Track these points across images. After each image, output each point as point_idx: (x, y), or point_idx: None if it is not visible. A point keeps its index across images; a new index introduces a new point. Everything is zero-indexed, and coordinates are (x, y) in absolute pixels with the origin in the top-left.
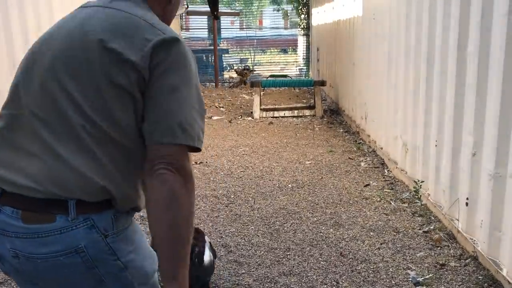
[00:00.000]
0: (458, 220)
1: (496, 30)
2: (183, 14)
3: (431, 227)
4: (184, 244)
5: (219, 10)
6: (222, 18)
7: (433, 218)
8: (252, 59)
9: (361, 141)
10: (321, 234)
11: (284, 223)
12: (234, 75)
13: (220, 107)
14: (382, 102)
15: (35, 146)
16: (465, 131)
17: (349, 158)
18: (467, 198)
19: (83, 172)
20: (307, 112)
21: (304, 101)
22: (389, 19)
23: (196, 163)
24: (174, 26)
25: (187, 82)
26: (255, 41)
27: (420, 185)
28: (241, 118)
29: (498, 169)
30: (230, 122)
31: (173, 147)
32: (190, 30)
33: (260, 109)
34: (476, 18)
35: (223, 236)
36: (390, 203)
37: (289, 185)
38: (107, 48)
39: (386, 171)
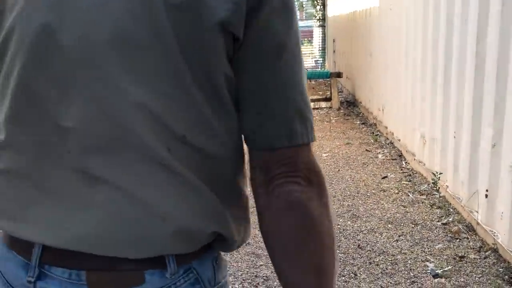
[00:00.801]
0: (477, 212)
1: None
2: None
3: (450, 219)
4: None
5: None
6: None
7: (451, 210)
8: None
9: (378, 132)
10: (339, 226)
11: None
12: None
13: None
14: (399, 94)
15: (89, 186)
16: (485, 123)
17: (366, 150)
18: (487, 190)
19: (179, 217)
20: (323, 104)
21: (320, 92)
22: (406, 9)
23: None
24: None
25: (296, 36)
26: None
27: (439, 177)
28: None
29: None
30: None
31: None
32: None
33: None
34: (496, 6)
35: None
36: (408, 195)
37: None
38: (176, 6)
39: (404, 163)
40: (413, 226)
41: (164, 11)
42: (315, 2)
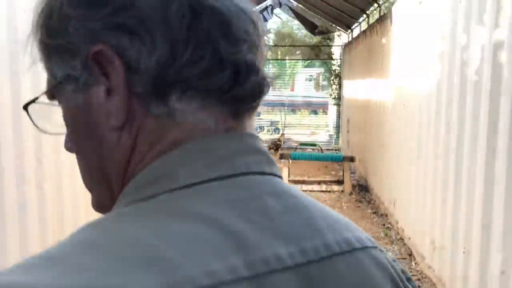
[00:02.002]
0: None
1: None
2: None
3: None
4: None
5: None
6: None
7: None
8: (283, 121)
9: (389, 225)
10: None
11: None
12: (264, 137)
13: None
14: (410, 192)
15: None
16: (493, 246)
17: None
18: None
19: None
20: (335, 187)
21: (333, 172)
22: (419, 110)
23: None
24: None
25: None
26: (285, 106)
27: None
28: None
29: None
30: None
31: None
32: None
33: (289, 180)
34: (504, 121)
35: None
36: None
37: None
38: None
39: (413, 263)
40: None
41: None
42: (331, 81)
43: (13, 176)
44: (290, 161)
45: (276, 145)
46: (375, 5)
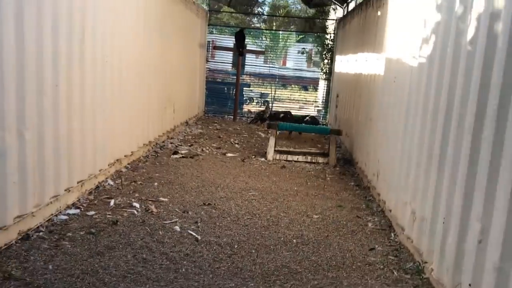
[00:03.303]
0: None
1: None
2: (210, 48)
3: None
4: None
5: (245, 48)
6: (247, 54)
7: None
8: (273, 95)
9: (371, 197)
10: None
11: (284, 283)
12: (253, 109)
13: (235, 143)
14: (395, 164)
15: None
16: (474, 216)
17: (357, 216)
18: (470, 285)
19: None
20: (320, 159)
21: (319, 145)
22: (409, 84)
23: (204, 204)
24: (200, 57)
25: None
26: (277, 78)
27: (423, 266)
28: (254, 158)
29: (504, 263)
30: (243, 161)
31: None
32: (213, 61)
33: (274, 150)
34: (495, 93)
35: None
36: (393, 272)
37: (294, 240)
38: None
39: (392, 234)
40: None
41: None
42: (323, 55)
43: None
44: (278, 132)
45: (260, 116)
46: None
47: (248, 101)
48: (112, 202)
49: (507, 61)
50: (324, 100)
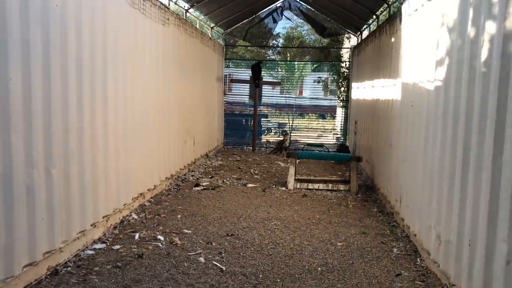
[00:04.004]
0: None
1: None
2: (227, 81)
3: None
4: None
5: (262, 80)
6: (264, 85)
7: None
8: (291, 124)
9: (394, 223)
10: None
11: None
12: (271, 139)
13: (255, 173)
14: (417, 189)
15: None
16: (499, 237)
17: (382, 242)
18: None
19: None
20: (341, 187)
21: (339, 173)
22: (426, 107)
23: (228, 235)
24: (218, 90)
25: None
26: (294, 108)
27: None
28: (275, 187)
29: None
30: (264, 191)
31: None
32: (231, 94)
33: (295, 179)
34: (511, 129)
35: None
36: None
37: (319, 268)
38: None
39: (418, 259)
40: None
41: None
42: (339, 83)
43: None
44: (297, 160)
45: (280, 146)
46: (385, 5)
47: (266, 131)
48: (137, 235)
49: None
50: (342, 128)
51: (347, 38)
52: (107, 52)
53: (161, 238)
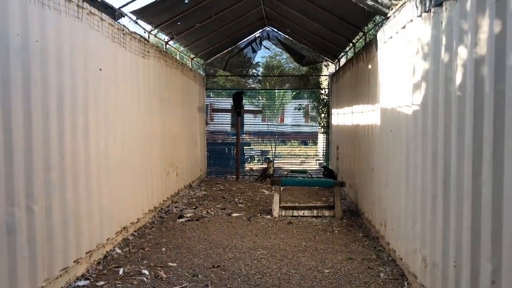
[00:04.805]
0: None
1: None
2: (208, 111)
3: None
4: None
5: (243, 108)
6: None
7: None
8: (273, 151)
9: (380, 247)
10: None
11: None
12: (255, 167)
13: (239, 202)
14: (400, 212)
15: None
16: (484, 257)
17: (368, 267)
18: None
19: None
20: (326, 213)
21: (324, 198)
22: (406, 131)
23: (214, 266)
24: (200, 120)
25: None
26: (275, 135)
27: None
28: (260, 216)
29: None
30: (249, 220)
31: None
32: (213, 123)
33: (280, 207)
34: (488, 149)
35: None
36: None
37: None
38: None
39: (406, 283)
40: None
41: None
42: (320, 110)
43: None
44: (282, 188)
45: (264, 173)
46: (360, 33)
47: (249, 159)
48: (121, 270)
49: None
50: (324, 153)
51: (325, 65)
52: (88, 86)
53: (146, 272)
